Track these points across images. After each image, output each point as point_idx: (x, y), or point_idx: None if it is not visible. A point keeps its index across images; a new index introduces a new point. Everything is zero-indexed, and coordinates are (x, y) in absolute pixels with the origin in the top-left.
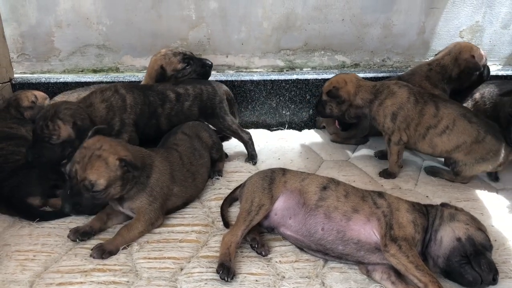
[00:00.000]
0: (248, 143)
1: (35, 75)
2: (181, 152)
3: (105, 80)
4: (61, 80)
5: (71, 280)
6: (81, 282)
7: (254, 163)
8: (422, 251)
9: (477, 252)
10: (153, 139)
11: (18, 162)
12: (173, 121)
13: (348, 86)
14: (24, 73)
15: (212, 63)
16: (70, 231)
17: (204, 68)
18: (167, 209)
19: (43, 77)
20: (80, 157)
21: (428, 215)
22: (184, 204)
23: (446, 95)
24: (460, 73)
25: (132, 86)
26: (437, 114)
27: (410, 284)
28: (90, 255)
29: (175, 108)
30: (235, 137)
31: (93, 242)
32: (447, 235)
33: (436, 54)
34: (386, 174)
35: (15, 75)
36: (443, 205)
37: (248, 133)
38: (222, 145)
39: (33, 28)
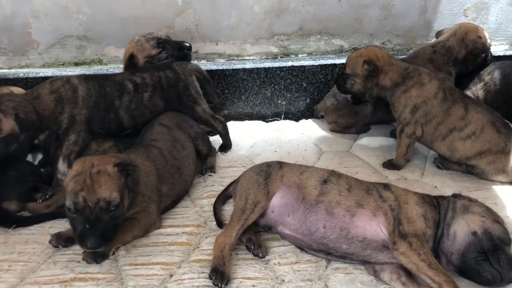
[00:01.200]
0: (222, 133)
1: (13, 70)
2: (160, 148)
3: (87, 73)
4: (41, 74)
5: None
6: None
7: (225, 152)
8: (434, 247)
9: (495, 247)
10: (117, 134)
11: None
12: (135, 116)
13: (380, 62)
14: (1, 68)
15: (190, 44)
16: (52, 236)
17: (182, 51)
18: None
19: (21, 72)
20: (80, 184)
21: (440, 207)
22: (174, 203)
23: (452, 78)
24: (467, 55)
25: (87, 76)
26: (465, 117)
27: (423, 285)
28: (83, 259)
29: (134, 100)
30: (208, 127)
31: (75, 248)
32: (461, 229)
33: (436, 36)
34: (391, 165)
35: None
36: (455, 196)
37: (222, 122)
38: (208, 136)
39: (8, 19)
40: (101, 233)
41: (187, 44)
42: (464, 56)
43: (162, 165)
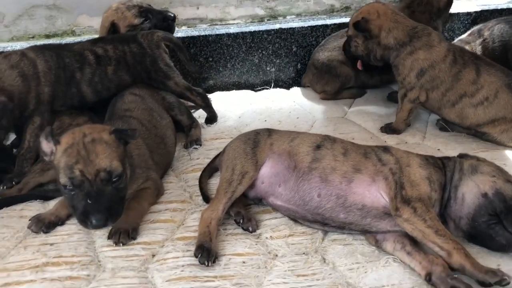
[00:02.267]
0: (202, 106)
1: None
2: (138, 118)
3: None
4: (9, 48)
5: (18, 279)
6: (31, 281)
7: (211, 124)
8: (440, 212)
9: (508, 208)
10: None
11: None
12: (99, 90)
13: (381, 19)
14: None
15: (174, 15)
16: (31, 220)
17: (166, 21)
18: None
19: None
20: (74, 156)
21: (445, 169)
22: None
23: (440, 33)
24: None
25: (41, 47)
26: (476, 81)
27: (430, 253)
28: (114, 243)
29: (97, 73)
30: (186, 101)
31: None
32: (470, 191)
33: None
34: (390, 129)
35: None
36: (462, 156)
37: (201, 93)
38: (184, 105)
39: None
40: (106, 208)
41: (171, 15)
42: (446, 2)
43: (146, 136)
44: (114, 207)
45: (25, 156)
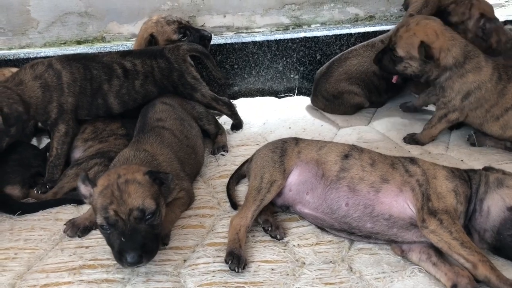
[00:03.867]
0: (229, 114)
1: (13, 51)
2: (170, 128)
3: (90, 52)
4: (42, 54)
5: (57, 280)
6: (69, 282)
7: (237, 131)
8: (465, 224)
9: None
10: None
11: None
12: (126, 101)
13: (440, 40)
14: (0, 49)
15: (211, 35)
16: (66, 224)
17: (203, 41)
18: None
19: (22, 53)
20: (108, 197)
21: (471, 182)
22: None
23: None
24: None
25: (70, 58)
26: None
27: (455, 265)
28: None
29: (125, 86)
30: (212, 110)
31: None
32: (496, 205)
33: (404, 6)
34: (413, 140)
35: None
36: (487, 169)
37: (227, 103)
38: (212, 114)
39: None
40: (140, 245)
41: (209, 35)
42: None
43: (178, 148)
44: (148, 244)
45: (54, 163)
